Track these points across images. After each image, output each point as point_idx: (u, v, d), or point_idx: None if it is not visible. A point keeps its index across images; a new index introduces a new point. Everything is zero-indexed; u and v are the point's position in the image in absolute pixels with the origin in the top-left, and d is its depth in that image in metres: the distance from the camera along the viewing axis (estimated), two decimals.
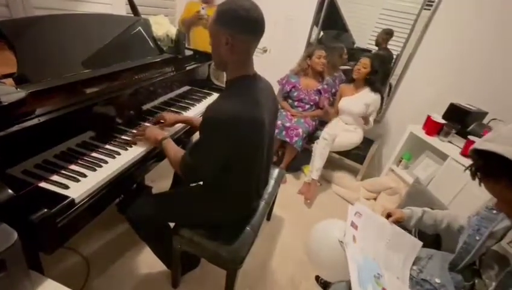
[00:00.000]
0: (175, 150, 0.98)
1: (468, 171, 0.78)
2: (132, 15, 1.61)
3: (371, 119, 2.11)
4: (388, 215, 1.06)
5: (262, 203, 1.27)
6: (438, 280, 0.89)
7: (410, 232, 1.14)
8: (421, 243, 1.03)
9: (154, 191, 1.66)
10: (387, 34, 2.28)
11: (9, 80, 0.87)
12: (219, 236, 1.04)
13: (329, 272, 1.17)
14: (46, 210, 0.68)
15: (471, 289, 0.85)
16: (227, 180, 0.98)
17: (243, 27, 0.80)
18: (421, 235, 1.16)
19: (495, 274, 0.77)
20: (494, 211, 0.83)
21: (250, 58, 0.89)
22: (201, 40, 2.36)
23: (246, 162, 0.93)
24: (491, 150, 0.59)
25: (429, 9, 1.92)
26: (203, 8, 2.23)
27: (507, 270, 0.73)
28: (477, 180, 0.75)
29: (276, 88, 2.34)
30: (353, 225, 0.99)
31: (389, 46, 2.29)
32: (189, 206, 1.07)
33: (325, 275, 1.32)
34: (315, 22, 2.40)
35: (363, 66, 2.06)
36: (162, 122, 1.21)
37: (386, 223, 1.03)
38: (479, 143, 0.64)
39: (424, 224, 1.04)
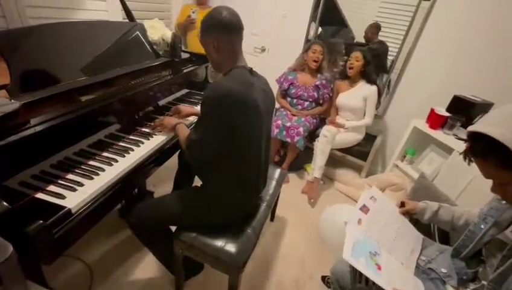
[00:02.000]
0: (185, 131, 1.08)
1: (473, 167, 0.77)
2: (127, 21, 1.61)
3: (370, 115, 2.07)
4: (402, 205, 1.07)
5: (263, 205, 1.26)
6: (444, 270, 0.91)
7: (428, 226, 1.13)
8: (422, 236, 1.06)
9: (155, 195, 1.66)
10: (374, 27, 2.26)
11: (3, 92, 0.87)
12: (220, 241, 1.03)
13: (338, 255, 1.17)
14: (41, 222, 0.67)
15: (473, 277, 0.86)
16: (226, 172, 1.00)
17: (222, 29, 0.93)
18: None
19: (497, 262, 0.76)
20: (504, 201, 0.82)
21: (238, 53, 0.99)
22: (197, 42, 2.35)
23: (242, 146, 0.96)
24: (478, 131, 0.63)
25: (428, 0, 1.88)
26: (193, 12, 2.22)
27: (503, 254, 0.74)
28: (469, 161, 0.76)
29: (274, 87, 2.32)
30: (364, 208, 1.00)
31: (388, 40, 2.25)
32: (189, 207, 1.07)
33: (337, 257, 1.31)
34: (313, 19, 2.37)
35: (356, 59, 2.03)
36: (178, 114, 1.34)
37: (397, 212, 1.05)
38: (472, 126, 0.68)
39: (440, 219, 1.03)
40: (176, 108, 1.36)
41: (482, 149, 0.65)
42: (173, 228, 1.13)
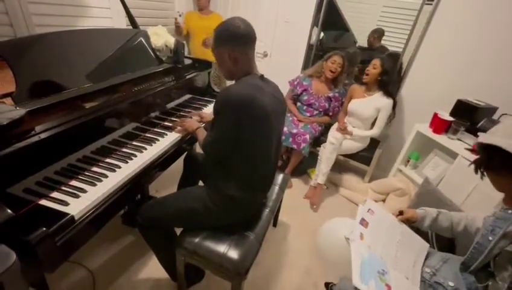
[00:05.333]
0: (204, 135, 1.14)
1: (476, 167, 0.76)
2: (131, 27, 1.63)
3: (379, 126, 2.01)
4: (400, 213, 1.05)
5: (266, 211, 1.25)
6: (451, 284, 0.87)
7: (426, 234, 1.10)
8: (427, 245, 1.03)
9: None
10: (376, 32, 2.25)
11: (8, 99, 0.88)
12: (222, 247, 1.02)
13: (337, 271, 1.15)
14: (44, 229, 0.67)
15: None
16: (234, 171, 1.01)
17: (238, 41, 0.96)
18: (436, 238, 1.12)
19: (508, 275, 0.74)
20: (510, 211, 0.79)
21: (252, 62, 1.03)
22: (199, 48, 2.38)
23: (251, 144, 0.97)
24: (492, 143, 0.61)
25: (431, 4, 1.88)
26: (180, 15, 2.22)
27: None
28: (481, 175, 0.74)
29: (285, 89, 2.29)
30: (363, 222, 0.98)
31: (391, 44, 2.25)
32: (194, 202, 1.07)
33: (334, 274, 1.29)
34: (315, 23, 2.38)
35: (373, 66, 1.95)
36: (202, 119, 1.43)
37: (396, 223, 1.02)
38: (483, 136, 0.65)
39: (439, 226, 1.01)
40: (199, 114, 1.45)
41: (498, 163, 0.62)
42: (178, 233, 1.12)
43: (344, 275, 0.97)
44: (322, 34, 2.48)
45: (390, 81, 1.98)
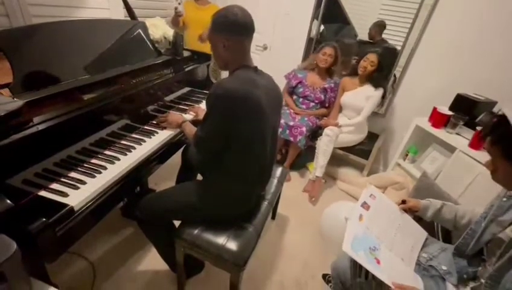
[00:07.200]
0: (192, 129, 1.13)
1: (475, 166, 0.78)
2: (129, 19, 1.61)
3: (364, 114, 2.04)
4: (403, 202, 1.06)
5: (265, 204, 1.26)
6: (444, 267, 0.90)
7: (432, 224, 1.12)
8: (426, 233, 1.05)
9: None
10: (378, 26, 2.23)
11: (6, 90, 0.87)
12: (221, 238, 1.03)
13: (339, 251, 1.17)
14: (44, 219, 0.68)
15: (474, 275, 0.86)
16: (230, 167, 1.01)
17: (234, 29, 0.93)
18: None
19: (495, 260, 0.76)
20: (504, 199, 0.81)
21: (247, 54, 1.01)
22: (195, 41, 2.35)
23: (246, 141, 0.96)
24: (504, 114, 0.66)
25: None
26: (179, 4, 2.19)
27: (500, 251, 0.74)
28: (483, 138, 0.80)
29: (280, 84, 2.30)
30: (364, 205, 0.99)
31: (391, 37, 2.23)
32: (192, 197, 1.07)
33: (336, 254, 1.31)
34: (315, 16, 2.36)
35: (371, 64, 1.97)
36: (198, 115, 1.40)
37: (397, 210, 1.04)
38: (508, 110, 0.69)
39: (443, 217, 1.02)
40: (195, 110, 1.43)
41: (497, 136, 0.67)
42: (177, 225, 1.13)
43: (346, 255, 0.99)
44: (322, 27, 2.46)
45: (381, 76, 2.03)
